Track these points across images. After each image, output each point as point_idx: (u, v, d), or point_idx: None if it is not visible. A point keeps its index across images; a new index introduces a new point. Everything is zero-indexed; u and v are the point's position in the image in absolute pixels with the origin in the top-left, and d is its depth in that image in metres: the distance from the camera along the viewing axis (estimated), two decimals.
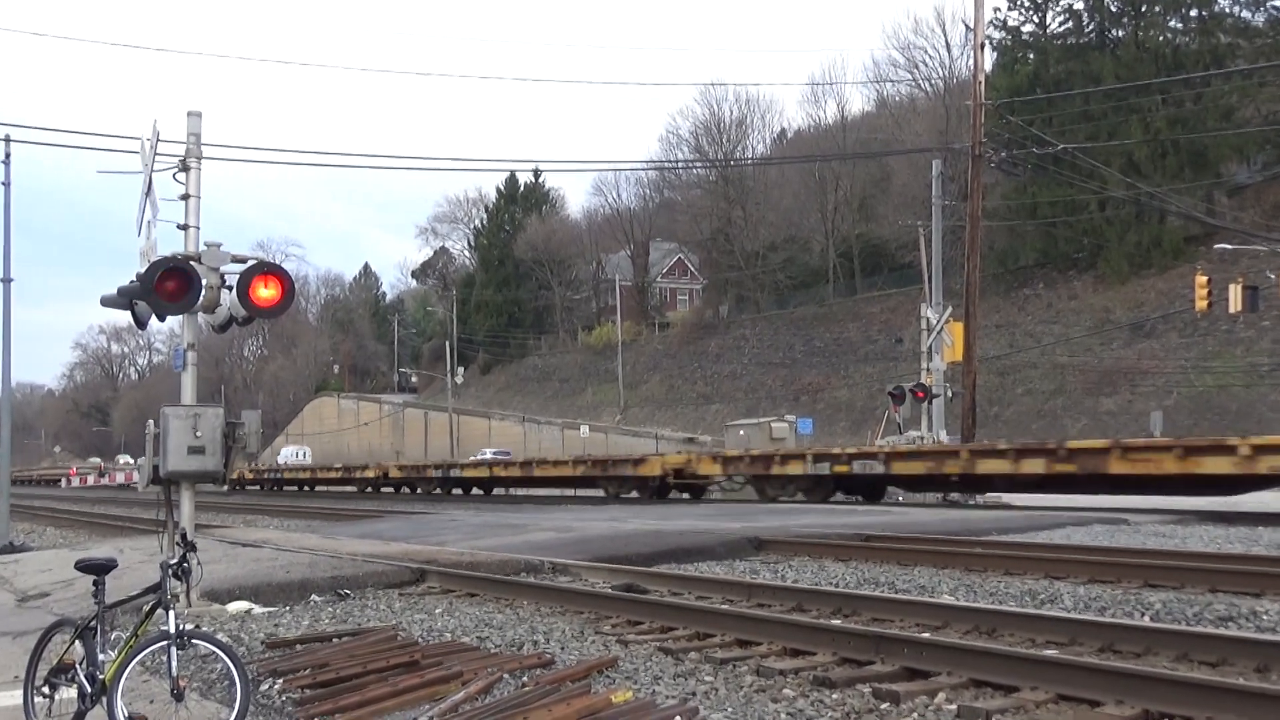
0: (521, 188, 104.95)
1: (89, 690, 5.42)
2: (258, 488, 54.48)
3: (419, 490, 41.65)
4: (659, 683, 6.58)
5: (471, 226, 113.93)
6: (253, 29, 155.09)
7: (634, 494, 30.84)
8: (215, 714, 6.16)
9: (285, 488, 53.42)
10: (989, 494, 25.25)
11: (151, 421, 9.91)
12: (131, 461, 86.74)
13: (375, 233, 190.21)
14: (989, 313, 51.50)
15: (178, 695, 5.30)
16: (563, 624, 8.76)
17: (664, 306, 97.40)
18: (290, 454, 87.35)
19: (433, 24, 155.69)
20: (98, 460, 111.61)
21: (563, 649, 7.62)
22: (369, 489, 45.49)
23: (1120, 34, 58.67)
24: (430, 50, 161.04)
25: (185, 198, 10.19)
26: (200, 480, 10.02)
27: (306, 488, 52.89)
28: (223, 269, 9.98)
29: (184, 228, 10.14)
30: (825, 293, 73.79)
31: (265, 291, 9.80)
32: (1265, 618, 8.24)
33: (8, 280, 25.58)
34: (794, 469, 25.62)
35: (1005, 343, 56.08)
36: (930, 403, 32.12)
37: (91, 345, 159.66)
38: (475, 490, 39.78)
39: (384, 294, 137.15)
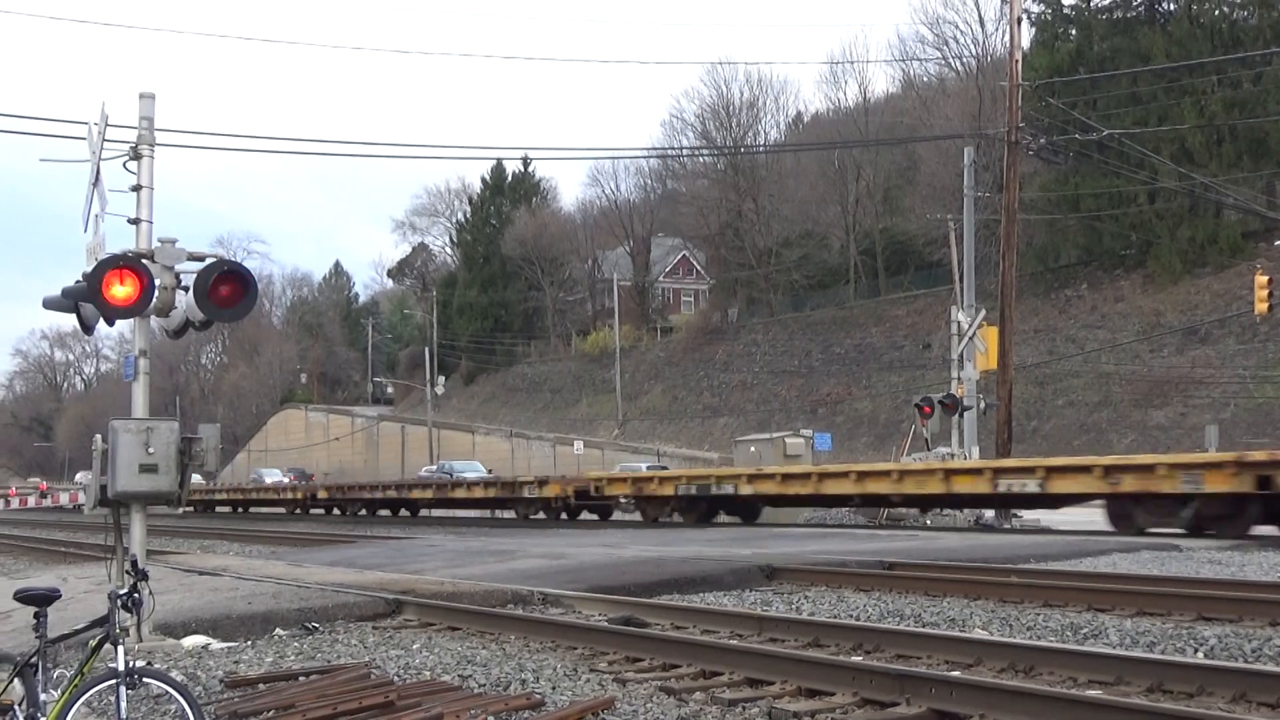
0: (509, 177, 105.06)
1: None
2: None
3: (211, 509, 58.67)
4: None
5: (454, 220, 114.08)
6: (213, 2, 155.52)
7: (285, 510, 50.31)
8: None
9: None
10: None
11: (99, 436, 9.93)
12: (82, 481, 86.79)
13: (347, 227, 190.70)
14: (1027, 316, 51.56)
15: None
16: (554, 661, 8.77)
17: (667, 309, 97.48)
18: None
19: None
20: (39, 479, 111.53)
21: (554, 689, 7.63)
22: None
23: (1172, 8, 58.82)
24: (409, 26, 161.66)
25: (137, 189, 10.19)
26: (153, 502, 10.03)
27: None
28: (178, 268, 9.98)
29: (135, 222, 10.14)
30: (845, 294, 73.84)
31: (225, 292, 9.82)
32: None
33: None
34: (323, 495, 47.75)
35: (1044, 349, 56.12)
36: (961, 416, 32.07)
37: (33, 352, 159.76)
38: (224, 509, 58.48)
39: (357, 295, 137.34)
